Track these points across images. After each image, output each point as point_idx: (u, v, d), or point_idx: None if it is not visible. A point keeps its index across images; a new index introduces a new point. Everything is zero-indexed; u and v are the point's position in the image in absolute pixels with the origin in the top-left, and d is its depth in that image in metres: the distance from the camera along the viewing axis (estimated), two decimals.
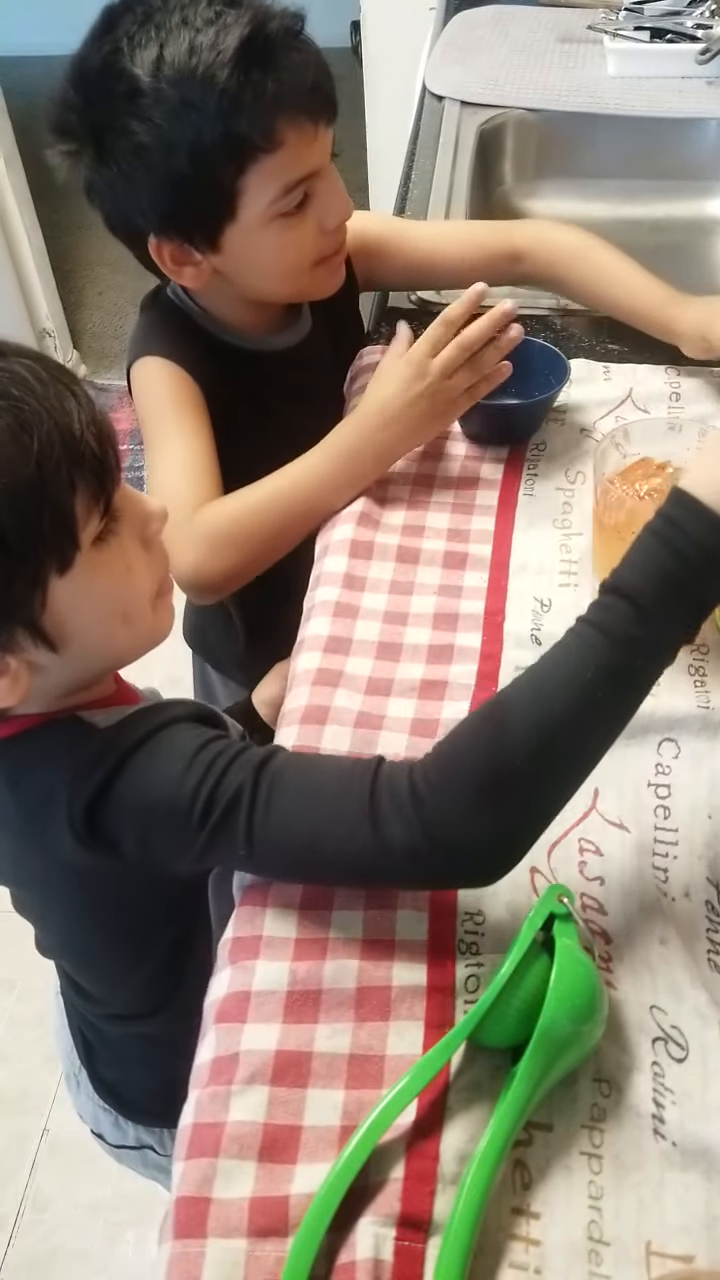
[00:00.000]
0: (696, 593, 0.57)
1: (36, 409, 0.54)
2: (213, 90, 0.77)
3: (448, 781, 0.56)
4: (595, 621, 0.57)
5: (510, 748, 0.55)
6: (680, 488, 0.57)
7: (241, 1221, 0.51)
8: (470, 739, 0.57)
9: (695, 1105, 0.55)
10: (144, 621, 0.65)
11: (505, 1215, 0.52)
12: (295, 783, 0.59)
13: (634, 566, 0.57)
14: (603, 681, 0.55)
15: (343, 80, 0.88)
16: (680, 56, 1.52)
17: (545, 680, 0.57)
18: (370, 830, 0.56)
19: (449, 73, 1.59)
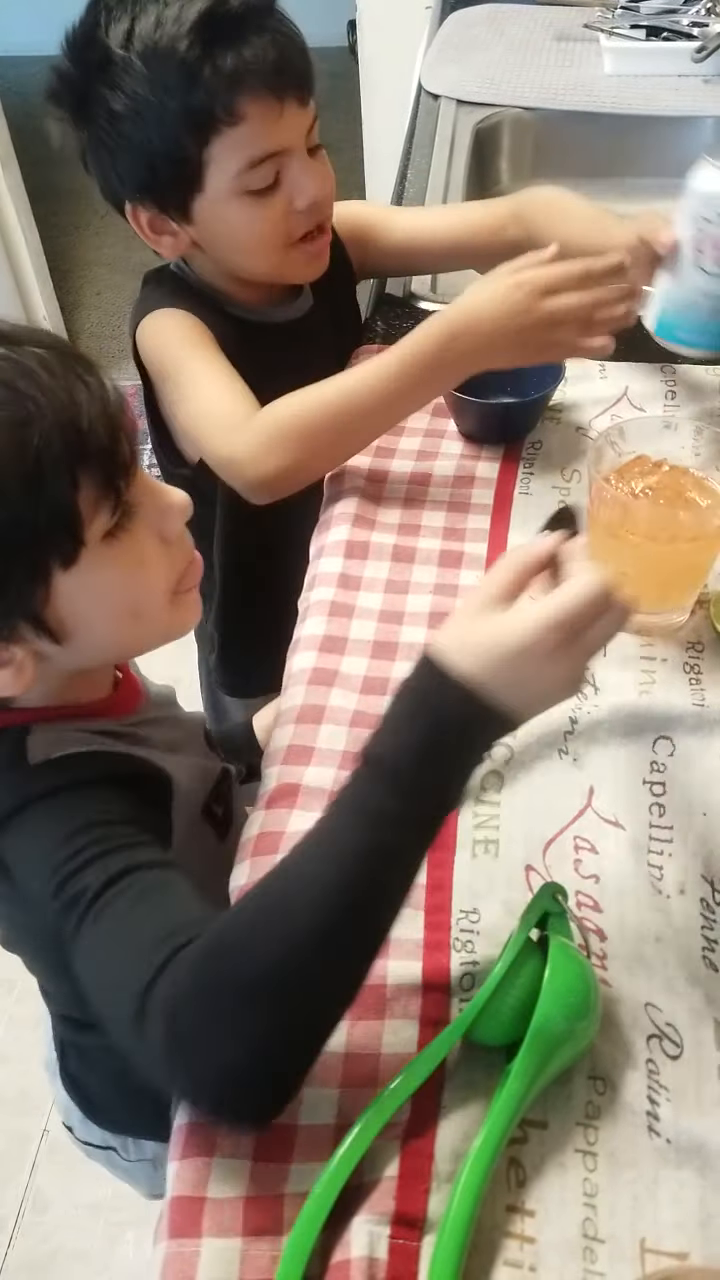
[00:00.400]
0: (454, 756, 0.53)
1: (40, 402, 0.53)
2: (173, 61, 0.81)
3: (195, 998, 0.48)
4: (355, 798, 0.52)
5: (278, 948, 0.49)
6: (431, 648, 0.54)
7: (236, 1220, 0.51)
8: (234, 949, 0.50)
9: (689, 1102, 0.55)
10: (156, 617, 0.63)
11: (500, 1213, 0.52)
12: (120, 918, 0.53)
13: (387, 737, 0.53)
14: (371, 864, 0.50)
15: (339, 79, 0.89)
16: (676, 54, 1.52)
17: (311, 868, 0.51)
18: (135, 1011, 0.49)
19: (445, 71, 1.59)
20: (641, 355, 1.07)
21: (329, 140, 0.92)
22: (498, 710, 0.52)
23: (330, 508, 0.93)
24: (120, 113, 0.84)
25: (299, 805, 0.69)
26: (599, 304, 0.85)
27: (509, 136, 1.53)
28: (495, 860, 0.67)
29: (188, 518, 0.64)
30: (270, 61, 0.83)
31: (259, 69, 0.82)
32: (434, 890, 0.65)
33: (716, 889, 0.65)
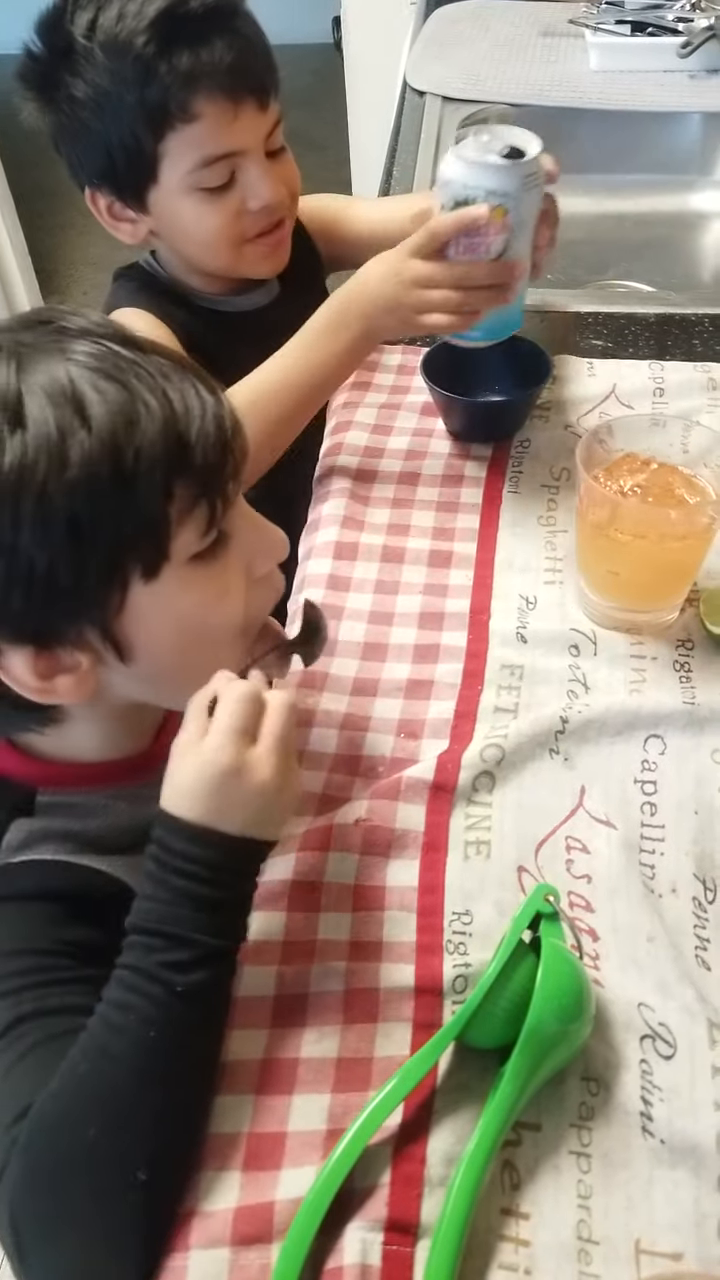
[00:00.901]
0: (223, 891, 0.54)
1: (151, 405, 0.52)
2: (130, 55, 0.82)
3: (27, 1189, 0.48)
4: (136, 967, 0.52)
5: (74, 1139, 0.49)
6: (161, 807, 0.55)
7: (225, 1231, 0.51)
8: (43, 1133, 0.50)
9: (683, 1102, 0.55)
10: (223, 651, 0.61)
11: (494, 1216, 0.52)
12: (6, 1070, 0.53)
13: (144, 897, 0.54)
14: (161, 1035, 0.51)
15: (324, 76, 0.89)
16: (662, 50, 1.52)
17: (102, 1052, 0.51)
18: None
19: (430, 68, 1.59)
20: (630, 353, 1.07)
21: (314, 137, 0.93)
22: (236, 840, 0.54)
23: (318, 508, 0.92)
24: (81, 100, 0.85)
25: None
26: (465, 301, 0.84)
27: None
28: (487, 861, 0.67)
29: (282, 558, 0.63)
30: (227, 64, 0.84)
31: (215, 70, 0.84)
32: (426, 892, 0.65)
33: (709, 888, 0.65)
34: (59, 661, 0.56)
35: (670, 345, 1.08)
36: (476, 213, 0.80)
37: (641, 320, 1.12)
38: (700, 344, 1.08)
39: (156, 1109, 0.51)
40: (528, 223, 0.83)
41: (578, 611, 0.82)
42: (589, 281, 1.38)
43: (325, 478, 0.95)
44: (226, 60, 0.84)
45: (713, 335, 1.09)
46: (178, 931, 0.52)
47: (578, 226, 1.49)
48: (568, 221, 1.18)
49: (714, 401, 1.00)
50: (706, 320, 1.11)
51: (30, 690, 0.56)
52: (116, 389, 0.52)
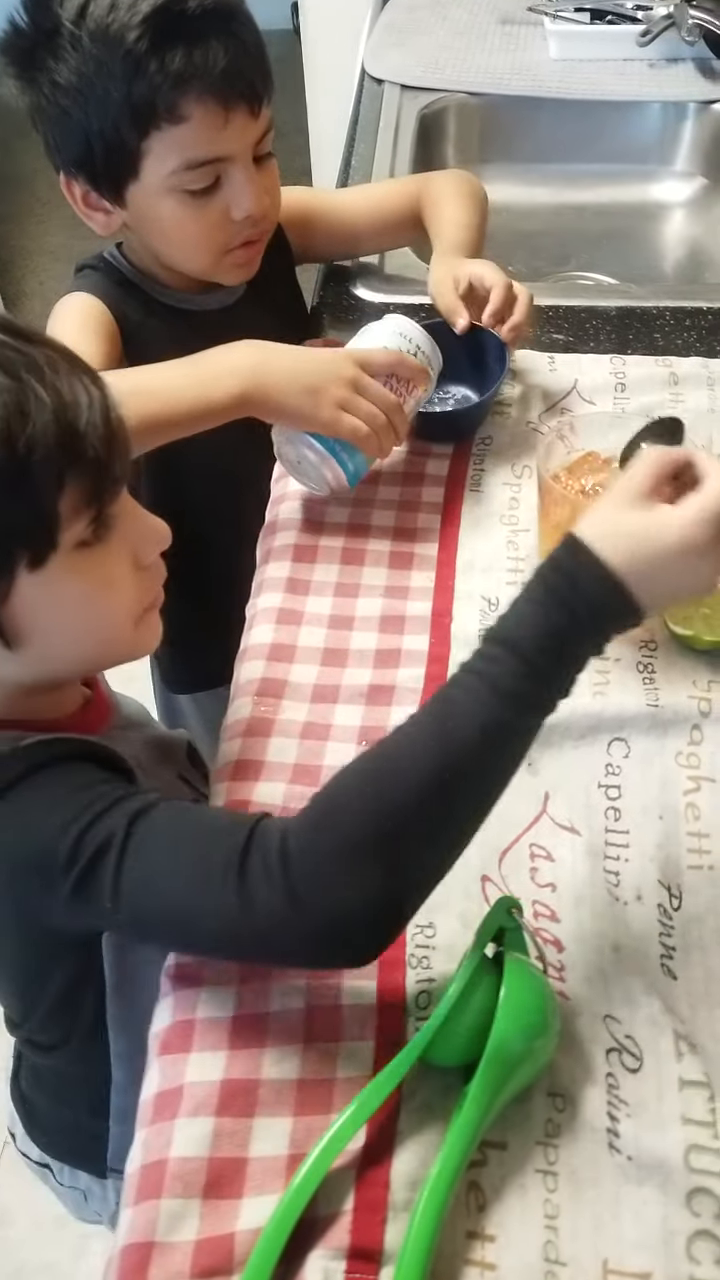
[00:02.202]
0: (585, 644, 0.54)
1: (41, 396, 0.52)
2: (120, 49, 0.79)
3: (320, 841, 0.51)
4: (482, 672, 0.53)
5: (388, 807, 0.51)
6: (575, 535, 0.55)
7: (185, 1264, 0.49)
8: (347, 796, 0.53)
9: (650, 1117, 0.54)
10: (118, 637, 0.61)
11: (460, 1240, 0.51)
12: (170, 831, 0.54)
13: (522, 617, 0.54)
14: (489, 739, 0.52)
15: (284, 63, 0.87)
16: (621, 38, 1.51)
17: (430, 735, 0.53)
18: (235, 889, 0.51)
19: (388, 56, 1.57)
20: (591, 347, 1.06)
21: (275, 124, 0.90)
22: (633, 602, 0.54)
23: (275, 509, 0.91)
24: (63, 86, 0.82)
25: None
26: (383, 428, 0.83)
27: (454, 122, 1.51)
28: (450, 872, 0.65)
29: (165, 546, 0.63)
30: (220, 68, 0.81)
31: (207, 73, 0.80)
32: None
33: (674, 894, 0.64)
34: None
35: (632, 339, 1.07)
36: (428, 370, 0.87)
37: (602, 314, 1.11)
38: (661, 337, 1.07)
39: (462, 809, 0.53)
40: (423, 397, 0.90)
41: None
42: (550, 274, 1.36)
43: (283, 478, 0.93)
44: (221, 64, 0.81)
45: (674, 329, 1.08)
46: (540, 663, 0.53)
47: (538, 218, 1.48)
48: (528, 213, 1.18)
49: (675, 396, 0.99)
50: (668, 313, 1.10)
51: None
52: (5, 379, 0.51)
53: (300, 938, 0.52)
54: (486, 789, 0.54)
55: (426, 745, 0.53)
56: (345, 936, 0.52)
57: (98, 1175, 0.82)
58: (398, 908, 0.52)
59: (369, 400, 0.82)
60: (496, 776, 0.54)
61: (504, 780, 0.54)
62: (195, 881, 0.52)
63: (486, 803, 0.54)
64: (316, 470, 0.86)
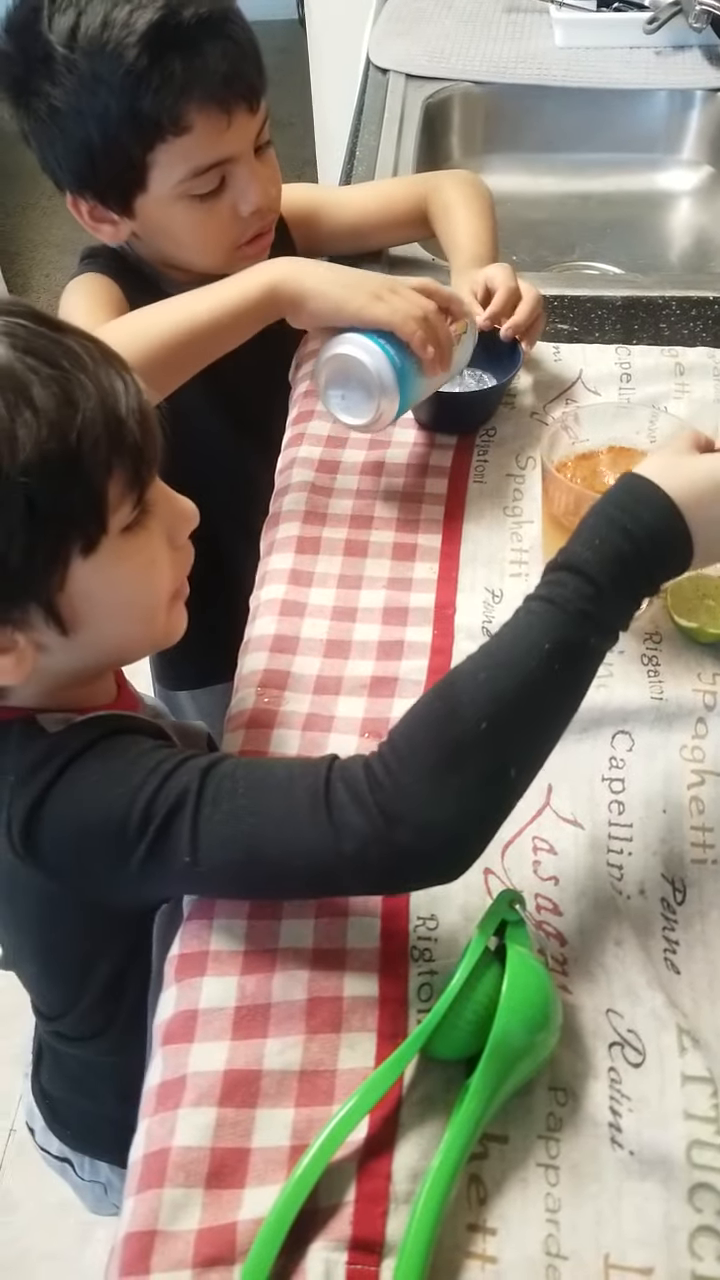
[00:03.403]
0: (645, 573, 0.57)
1: (85, 384, 0.53)
2: (119, 67, 0.78)
3: (404, 762, 0.53)
4: (548, 596, 0.56)
5: (464, 721, 0.53)
6: (634, 472, 0.58)
7: (187, 1253, 0.49)
8: (424, 717, 0.55)
9: (652, 1112, 0.54)
10: (157, 620, 0.63)
11: (461, 1232, 0.51)
12: (244, 779, 0.56)
13: (585, 545, 0.57)
14: (557, 655, 0.54)
15: (289, 53, 0.87)
16: (628, 26, 1.50)
17: (498, 655, 0.55)
18: (325, 821, 0.53)
19: (393, 45, 1.56)
20: (596, 338, 1.05)
21: (279, 116, 0.90)
22: (689, 537, 0.57)
23: (279, 501, 0.90)
24: (60, 109, 0.81)
25: None
26: (442, 331, 0.82)
27: (459, 111, 1.50)
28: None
29: (195, 525, 0.64)
30: (221, 74, 0.81)
31: (208, 82, 0.80)
32: (391, 897, 0.63)
33: (677, 888, 0.64)
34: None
35: (637, 329, 1.07)
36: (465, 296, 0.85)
37: (608, 304, 1.10)
38: (667, 327, 1.07)
39: (539, 721, 0.56)
40: (464, 356, 0.87)
41: None
42: (555, 263, 1.36)
43: (287, 469, 0.93)
44: (220, 71, 0.81)
45: (680, 318, 1.07)
46: (603, 583, 0.55)
47: (543, 207, 1.47)
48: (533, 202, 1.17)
49: (681, 387, 0.99)
50: (673, 303, 1.09)
51: None
52: (49, 369, 0.52)
53: (396, 856, 0.53)
54: (557, 706, 0.56)
55: (494, 662, 0.55)
56: (441, 847, 0.54)
57: (121, 1165, 0.82)
58: (484, 820, 0.54)
59: (429, 307, 0.80)
60: (566, 694, 0.56)
61: (574, 700, 0.57)
62: (282, 822, 0.54)
63: (558, 721, 0.56)
64: (363, 379, 0.80)
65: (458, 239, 1.03)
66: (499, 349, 0.95)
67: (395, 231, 1.12)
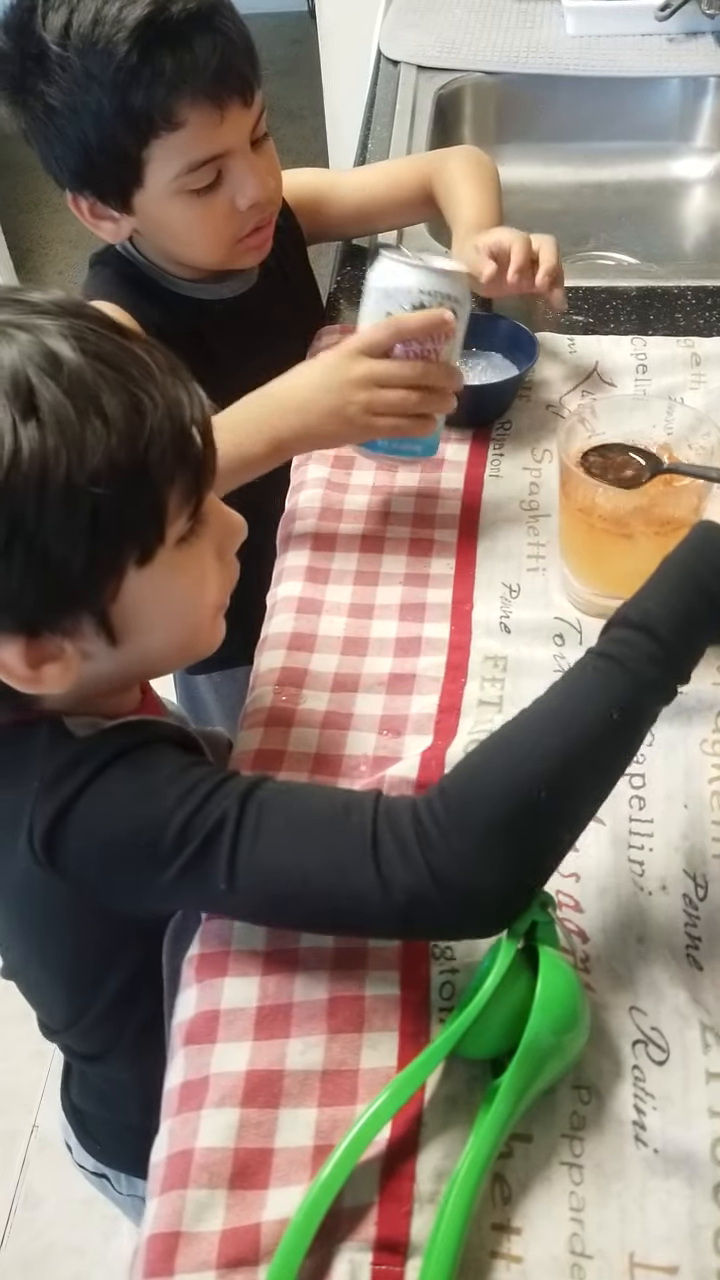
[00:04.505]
0: (711, 636, 0.56)
1: (154, 394, 0.53)
2: (111, 63, 0.78)
3: (458, 823, 0.52)
4: (618, 657, 0.54)
5: (524, 788, 0.52)
6: (711, 520, 0.57)
7: (211, 1254, 0.49)
8: (482, 776, 0.54)
9: (676, 1110, 0.54)
10: (200, 633, 0.62)
11: (486, 1232, 0.51)
12: (287, 813, 0.55)
13: (660, 603, 0.55)
14: (623, 722, 0.54)
15: (300, 45, 0.87)
16: (639, 14, 1.49)
17: (562, 718, 0.54)
18: (372, 873, 0.52)
19: (404, 36, 1.55)
20: (611, 329, 1.05)
21: (290, 108, 0.90)
22: None
23: (294, 497, 0.90)
24: (55, 107, 0.81)
25: None
26: (421, 402, 0.79)
27: (471, 102, 1.49)
28: None
29: (243, 539, 0.64)
30: (211, 68, 0.80)
31: (198, 76, 0.80)
32: None
33: (699, 884, 0.64)
34: (47, 650, 0.55)
35: (653, 319, 1.06)
36: (445, 316, 0.77)
37: (623, 294, 1.09)
38: (683, 317, 1.06)
39: (597, 788, 0.55)
40: (461, 333, 0.81)
41: (561, 599, 0.81)
42: (570, 254, 1.35)
43: (302, 465, 0.93)
44: (211, 65, 0.80)
45: (696, 308, 1.07)
46: (673, 647, 0.54)
47: (557, 197, 1.46)
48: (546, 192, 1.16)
49: (698, 377, 0.98)
50: (689, 293, 1.08)
51: (19, 680, 0.55)
52: (118, 376, 0.52)
53: (440, 914, 0.53)
54: (611, 769, 0.55)
55: (558, 726, 0.54)
56: (484, 911, 0.54)
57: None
58: (531, 881, 0.54)
59: (394, 387, 0.78)
60: (621, 758, 0.55)
61: (627, 761, 0.56)
62: (327, 866, 0.54)
63: (610, 782, 0.55)
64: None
65: (460, 209, 1.02)
66: (511, 343, 0.95)
67: (403, 212, 1.11)
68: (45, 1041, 0.90)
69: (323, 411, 0.79)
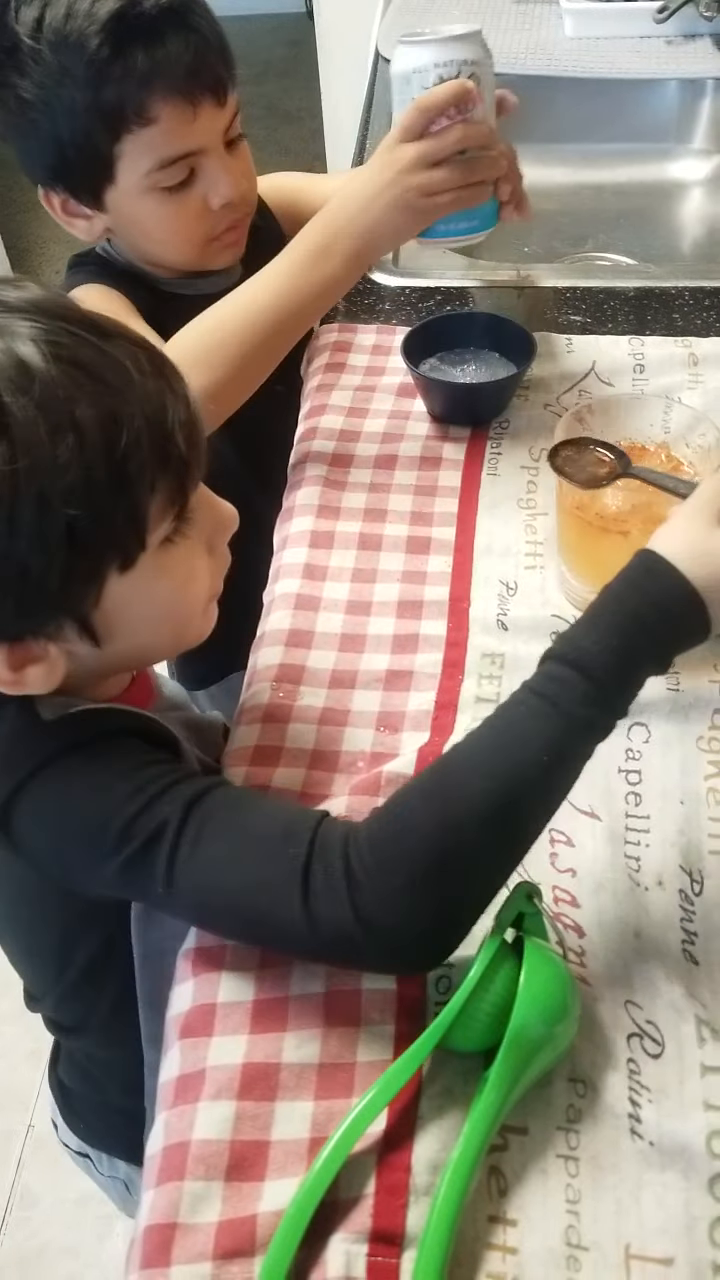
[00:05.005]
0: (658, 664, 0.55)
1: (131, 401, 0.52)
2: (82, 57, 0.78)
3: (385, 865, 0.51)
4: (552, 698, 0.53)
5: (455, 831, 0.51)
6: (656, 554, 0.55)
7: (208, 1245, 0.49)
8: (411, 818, 0.53)
9: (672, 1103, 0.54)
10: (190, 626, 0.62)
11: (481, 1224, 0.51)
12: (228, 828, 0.55)
13: (596, 640, 0.54)
14: (557, 763, 0.53)
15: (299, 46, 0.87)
16: (638, 15, 1.49)
17: (495, 759, 0.53)
18: (300, 903, 0.52)
19: None
20: (609, 329, 1.05)
21: (289, 109, 0.91)
22: (707, 629, 0.55)
23: (292, 495, 0.90)
24: (28, 100, 0.81)
25: None
26: (470, 170, 0.81)
27: None
28: None
29: (234, 531, 0.63)
30: (184, 65, 0.81)
31: (171, 72, 0.80)
32: None
33: (695, 879, 0.64)
34: (30, 653, 0.55)
35: (650, 319, 1.06)
36: (466, 84, 0.79)
37: (620, 294, 1.09)
38: (680, 317, 1.06)
39: (528, 829, 0.54)
40: (492, 91, 0.84)
41: (559, 596, 0.81)
42: (567, 254, 1.35)
43: (300, 464, 0.93)
44: (183, 61, 0.81)
45: (693, 308, 1.07)
46: (610, 687, 0.53)
47: (555, 198, 1.47)
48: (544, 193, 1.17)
49: (695, 377, 0.98)
50: (686, 293, 1.09)
51: (2, 684, 0.55)
52: (93, 384, 0.50)
53: (364, 953, 0.53)
54: (545, 810, 0.54)
55: (490, 768, 0.53)
56: (410, 953, 0.53)
57: (136, 1163, 0.82)
58: (459, 924, 0.53)
59: (440, 162, 0.80)
60: (555, 798, 0.55)
61: (560, 800, 0.55)
62: (257, 888, 0.53)
63: (543, 823, 0.55)
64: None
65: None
66: (509, 342, 0.95)
67: None
68: (41, 1041, 0.90)
69: (385, 208, 0.81)
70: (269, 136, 3.12)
